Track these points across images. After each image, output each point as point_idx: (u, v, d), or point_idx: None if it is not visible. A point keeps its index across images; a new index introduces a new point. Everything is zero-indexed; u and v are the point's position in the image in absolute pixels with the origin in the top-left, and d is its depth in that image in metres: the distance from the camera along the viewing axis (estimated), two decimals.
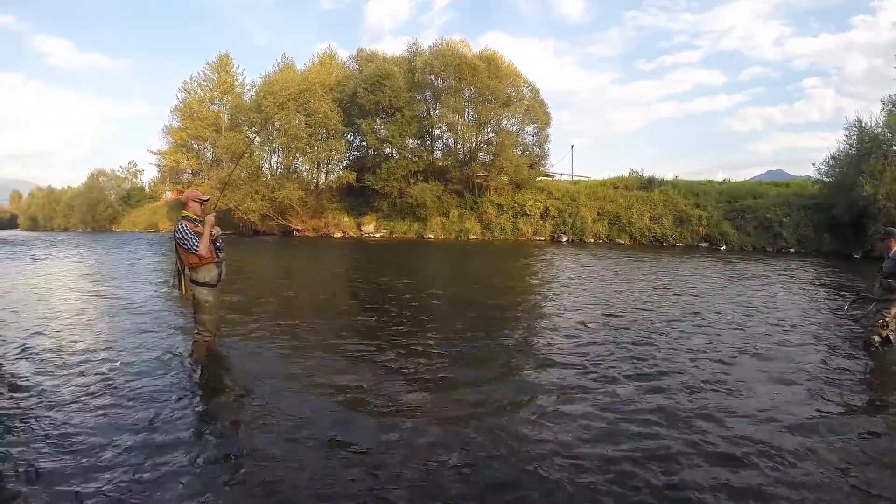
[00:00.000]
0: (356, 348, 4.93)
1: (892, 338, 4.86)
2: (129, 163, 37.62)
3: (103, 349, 4.81)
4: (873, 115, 18.12)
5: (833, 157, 17.28)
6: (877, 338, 4.88)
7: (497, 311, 6.76)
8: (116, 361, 4.40)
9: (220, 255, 4.23)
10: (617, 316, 6.53)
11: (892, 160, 14.88)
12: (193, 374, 4.13)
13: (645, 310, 7.10)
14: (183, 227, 4.02)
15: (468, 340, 5.27)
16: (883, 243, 5.34)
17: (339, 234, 22.13)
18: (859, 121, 16.54)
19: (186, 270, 4.13)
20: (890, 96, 17.04)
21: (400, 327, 5.79)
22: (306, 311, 6.64)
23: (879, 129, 15.88)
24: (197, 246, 3.99)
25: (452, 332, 5.66)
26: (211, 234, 4.08)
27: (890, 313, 4.88)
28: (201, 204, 4.24)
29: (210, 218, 4.13)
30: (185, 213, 4.16)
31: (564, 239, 19.58)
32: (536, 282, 10.14)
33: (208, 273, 4.15)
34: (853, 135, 16.55)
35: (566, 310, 6.93)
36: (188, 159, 28.27)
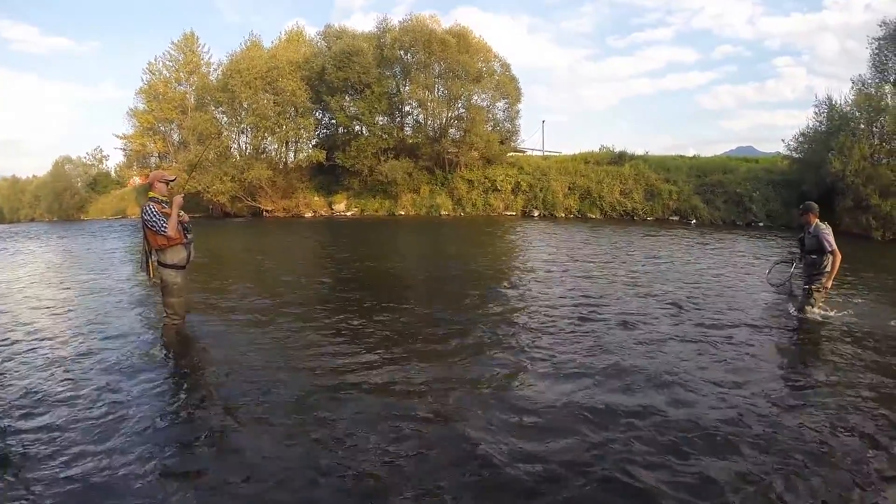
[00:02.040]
0: (329, 326, 4.84)
1: (822, 309, 5.18)
2: (95, 148, 36.40)
3: (71, 336, 4.64)
4: (843, 93, 18.35)
5: (803, 135, 17.47)
6: (817, 310, 5.15)
7: (465, 286, 6.73)
8: (82, 349, 4.24)
9: (189, 237, 4.16)
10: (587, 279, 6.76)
11: (861, 138, 15.06)
12: (163, 359, 4.00)
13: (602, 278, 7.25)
14: (150, 209, 3.94)
15: (440, 314, 5.25)
16: (802, 217, 5.46)
17: (310, 214, 21.74)
18: (829, 99, 16.73)
19: (154, 253, 4.04)
20: (860, 76, 17.29)
21: (373, 304, 5.71)
22: (277, 292, 6.48)
23: (849, 108, 16.06)
24: (165, 227, 3.91)
25: (424, 306, 5.63)
26: (178, 215, 3.99)
27: (822, 286, 5.14)
28: (167, 184, 4.15)
29: (178, 198, 4.04)
30: (151, 194, 4.07)
31: (536, 214, 19.52)
32: (504, 256, 10.13)
33: (176, 255, 4.06)
34: (823, 112, 16.72)
35: (536, 283, 6.96)
36: (155, 142, 27.43)
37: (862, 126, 15.68)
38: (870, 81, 17.01)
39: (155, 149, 27.55)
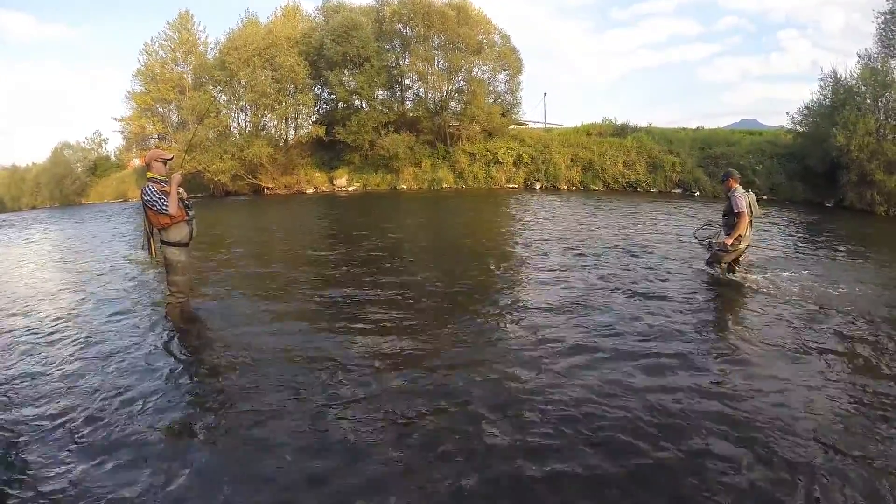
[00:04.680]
0: (333, 304, 4.81)
1: (733, 269, 5.70)
2: (94, 133, 36.06)
3: (76, 317, 4.64)
4: (848, 67, 18.02)
5: (807, 108, 17.26)
6: (724, 265, 5.67)
7: (469, 260, 6.78)
8: (86, 329, 4.24)
9: (190, 213, 4.16)
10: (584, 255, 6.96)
11: (866, 113, 14.88)
12: (169, 337, 4.00)
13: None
14: (150, 189, 3.93)
15: (443, 289, 5.27)
16: (723, 184, 5.90)
17: (312, 190, 21.64)
18: (834, 73, 16.53)
19: (156, 232, 4.05)
20: (866, 49, 17.05)
21: (376, 279, 5.68)
22: (282, 269, 6.45)
23: (854, 82, 15.83)
24: (166, 205, 3.92)
25: (427, 281, 5.65)
26: (178, 192, 3.99)
27: (729, 247, 5.54)
28: (165, 163, 4.13)
29: (176, 176, 4.04)
30: (150, 174, 4.05)
31: (538, 186, 19.40)
32: (506, 229, 10.20)
33: (179, 232, 4.07)
34: (828, 86, 16.53)
35: (539, 254, 7.14)
36: (153, 124, 27.20)
37: (868, 101, 15.47)
38: (876, 56, 16.75)
39: (154, 130, 27.34)
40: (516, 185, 19.60)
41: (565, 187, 19.28)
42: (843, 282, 5.76)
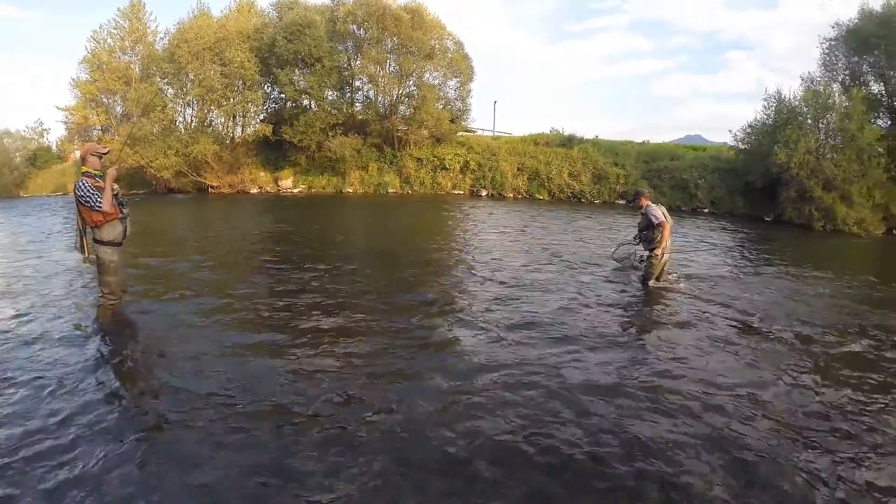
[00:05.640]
0: (271, 308, 4.69)
1: (660, 277, 6.00)
2: (35, 121, 34.20)
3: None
4: (792, 89, 18.99)
5: (750, 126, 18.07)
6: (652, 282, 5.93)
7: (411, 265, 6.81)
8: (9, 332, 3.94)
9: (124, 211, 4.01)
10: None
11: (807, 132, 15.72)
12: (99, 340, 3.81)
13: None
14: (83, 184, 3.78)
15: (384, 292, 5.30)
16: (636, 202, 6.26)
17: (256, 190, 21.13)
18: (779, 93, 17.40)
19: (89, 230, 3.90)
20: (809, 73, 18.15)
21: (318, 283, 5.62)
22: (221, 271, 6.29)
23: (797, 103, 16.70)
24: (100, 202, 3.77)
25: (370, 285, 5.66)
26: (112, 189, 3.84)
27: (657, 259, 5.82)
28: (100, 158, 3.97)
29: (111, 171, 3.87)
30: (84, 168, 3.89)
31: (484, 193, 19.51)
32: (448, 234, 10.31)
33: (113, 230, 3.92)
34: (772, 106, 17.39)
35: (476, 261, 7.25)
36: (97, 115, 26.01)
37: (809, 121, 16.34)
38: (819, 79, 17.76)
39: (97, 121, 26.14)
40: (462, 192, 19.65)
41: (511, 195, 19.45)
42: (769, 290, 6.24)
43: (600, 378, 3.39)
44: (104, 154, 4.03)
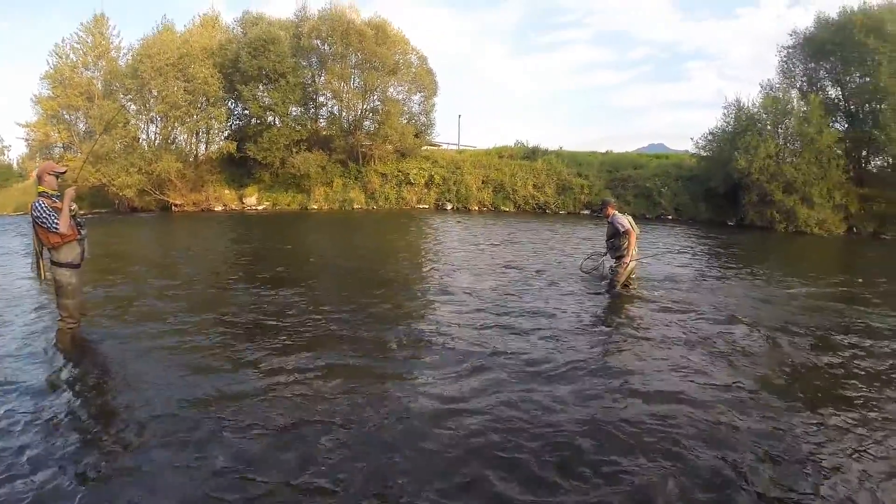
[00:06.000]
0: (234, 332, 4.59)
1: (627, 283, 6.15)
2: None
3: None
4: (751, 97, 19.56)
5: (711, 133, 18.51)
6: (618, 286, 6.06)
7: (376, 281, 6.82)
8: None
9: (83, 232, 3.90)
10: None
11: (766, 138, 16.16)
12: (58, 365, 3.71)
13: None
14: (40, 205, 3.66)
15: (350, 309, 5.28)
16: (602, 212, 6.42)
17: (221, 208, 20.89)
18: (738, 101, 17.87)
19: (46, 252, 3.79)
20: (768, 80, 18.67)
21: (285, 302, 5.57)
22: (184, 292, 6.15)
23: (756, 110, 17.16)
24: (57, 223, 3.66)
25: (335, 301, 5.63)
26: (70, 209, 3.73)
27: (624, 267, 5.96)
28: (57, 177, 3.85)
29: (69, 191, 3.77)
30: (40, 188, 3.76)
31: (449, 207, 19.59)
32: (412, 250, 10.34)
33: (71, 252, 3.81)
34: (731, 113, 17.84)
35: (438, 274, 7.32)
36: (59, 132, 25.46)
37: (768, 127, 16.79)
38: (777, 86, 18.28)
39: (59, 139, 25.59)
40: (427, 206, 19.71)
41: (476, 208, 19.56)
42: (733, 292, 6.46)
43: (571, 390, 3.46)
44: (61, 173, 3.93)
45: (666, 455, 2.64)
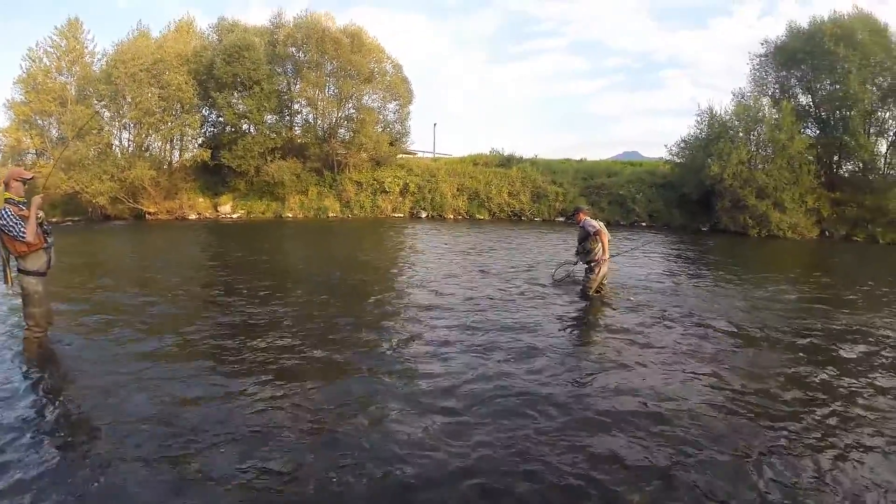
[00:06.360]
0: (204, 341, 4.55)
1: (600, 289, 6.23)
2: None
3: None
4: (723, 104, 19.78)
5: (684, 141, 18.70)
6: (591, 292, 6.14)
7: (350, 290, 6.82)
8: None
9: (49, 240, 3.86)
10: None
11: (738, 145, 16.41)
12: (23, 374, 3.68)
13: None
14: (6, 212, 3.61)
15: (322, 319, 5.26)
16: (575, 217, 6.49)
17: (195, 216, 20.71)
18: (711, 108, 18.07)
19: (12, 260, 3.76)
20: (740, 89, 18.94)
21: (258, 311, 5.53)
22: (155, 301, 6.09)
23: (728, 117, 17.39)
24: (24, 232, 3.62)
25: (307, 311, 5.60)
26: (37, 217, 3.70)
27: (596, 273, 6.03)
28: (24, 184, 3.80)
29: (36, 199, 3.74)
30: (7, 195, 3.71)
31: (424, 215, 19.59)
32: (387, 258, 10.39)
33: (37, 260, 3.78)
34: (704, 121, 18.06)
35: (412, 284, 7.34)
36: (31, 137, 25.02)
37: (740, 134, 17.00)
38: (749, 94, 18.51)
39: (31, 144, 25.15)
40: (402, 215, 19.69)
41: (451, 216, 19.58)
42: (706, 295, 6.60)
43: (553, 394, 3.51)
44: (29, 180, 3.88)
45: (649, 471, 2.70)
